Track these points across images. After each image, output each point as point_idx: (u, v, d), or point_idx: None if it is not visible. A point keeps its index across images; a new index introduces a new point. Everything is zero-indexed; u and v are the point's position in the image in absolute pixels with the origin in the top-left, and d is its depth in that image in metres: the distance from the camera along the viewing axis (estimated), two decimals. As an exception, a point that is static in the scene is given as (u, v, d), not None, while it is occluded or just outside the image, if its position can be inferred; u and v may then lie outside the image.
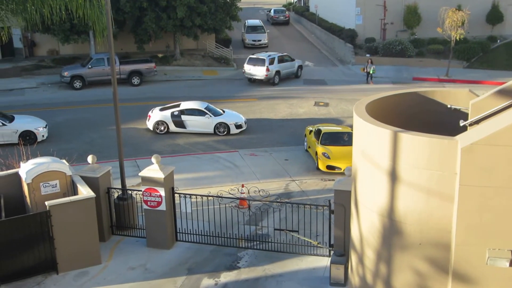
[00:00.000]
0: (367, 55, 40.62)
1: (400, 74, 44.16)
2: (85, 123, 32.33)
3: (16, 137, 28.27)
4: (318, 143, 26.16)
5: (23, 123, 29.33)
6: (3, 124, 28.60)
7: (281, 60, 42.39)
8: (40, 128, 29.16)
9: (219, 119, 30.92)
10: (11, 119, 29.31)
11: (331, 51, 53.36)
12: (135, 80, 41.18)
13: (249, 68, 41.93)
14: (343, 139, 26.42)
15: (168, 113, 31.07)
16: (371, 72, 40.81)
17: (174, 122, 30.90)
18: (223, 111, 31.83)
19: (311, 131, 27.85)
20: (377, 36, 51.49)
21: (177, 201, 18.76)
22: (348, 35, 50.87)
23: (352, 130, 22.80)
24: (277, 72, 41.59)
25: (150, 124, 31.15)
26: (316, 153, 25.93)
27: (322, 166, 25.33)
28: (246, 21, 57.92)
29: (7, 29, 25.92)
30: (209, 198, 18.63)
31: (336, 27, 54.68)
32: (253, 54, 43.32)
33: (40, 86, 40.84)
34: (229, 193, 19.50)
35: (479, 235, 9.67)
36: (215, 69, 46.47)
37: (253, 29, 56.19)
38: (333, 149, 25.66)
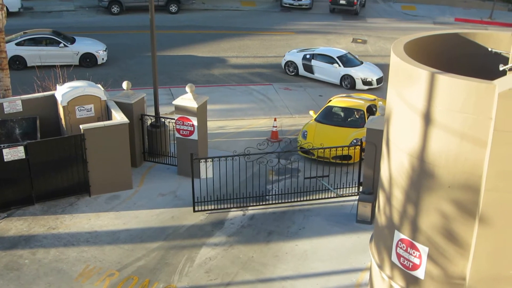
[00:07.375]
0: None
1: (442, 14, 43.09)
2: (121, 49, 32.38)
3: (77, 59, 28.53)
4: (313, 118, 21.62)
5: (84, 45, 29.49)
6: (65, 46, 28.76)
7: None
8: (100, 51, 29.28)
9: (347, 71, 27.87)
10: (72, 41, 29.44)
11: (372, -13, 52.06)
12: (173, 8, 40.83)
13: None
14: (350, 117, 21.28)
15: (300, 55, 29.39)
16: None
17: (304, 66, 29.11)
18: (361, 63, 28.72)
19: (330, 100, 22.91)
20: (421, -27, 49.98)
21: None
22: (392, -29, 49.45)
23: (378, 103, 22.33)
24: None
25: (282, 63, 30.03)
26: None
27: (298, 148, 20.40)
28: None
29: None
30: (236, 155, 17.98)
31: (380, -38, 53.07)
32: None
33: (78, 10, 40.83)
34: (258, 148, 18.49)
35: (509, 181, 9.58)
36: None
37: None
38: (320, 129, 20.64)
